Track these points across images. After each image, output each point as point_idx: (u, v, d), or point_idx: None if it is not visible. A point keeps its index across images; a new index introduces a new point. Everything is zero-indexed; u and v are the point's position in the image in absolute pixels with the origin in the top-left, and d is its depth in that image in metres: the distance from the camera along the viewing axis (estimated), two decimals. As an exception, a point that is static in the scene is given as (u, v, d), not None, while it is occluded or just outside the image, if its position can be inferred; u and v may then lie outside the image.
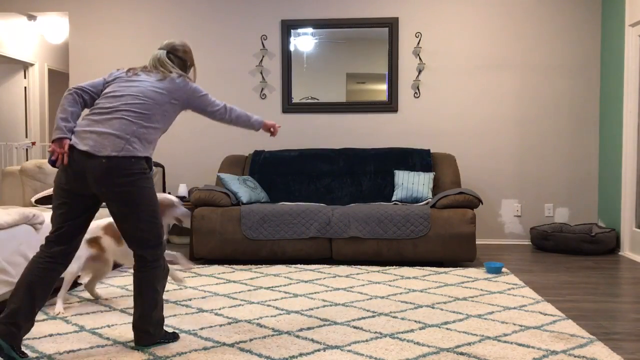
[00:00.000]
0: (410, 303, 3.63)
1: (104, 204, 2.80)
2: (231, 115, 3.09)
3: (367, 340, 2.90)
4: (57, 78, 8.44)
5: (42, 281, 2.67)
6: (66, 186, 2.71)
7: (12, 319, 2.57)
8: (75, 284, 4.16)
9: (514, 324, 3.18)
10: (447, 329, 3.10)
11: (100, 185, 2.66)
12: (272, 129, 3.26)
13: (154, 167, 5.63)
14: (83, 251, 3.44)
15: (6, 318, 2.58)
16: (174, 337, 2.94)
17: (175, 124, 6.29)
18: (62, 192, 2.72)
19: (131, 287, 4.07)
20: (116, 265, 4.32)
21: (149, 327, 2.81)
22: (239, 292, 3.93)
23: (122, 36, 6.32)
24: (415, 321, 3.24)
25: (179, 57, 3.05)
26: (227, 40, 6.25)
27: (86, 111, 2.93)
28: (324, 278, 4.37)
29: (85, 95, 2.86)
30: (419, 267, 4.77)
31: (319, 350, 2.77)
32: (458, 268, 4.75)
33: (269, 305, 3.58)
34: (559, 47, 6.06)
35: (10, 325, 2.57)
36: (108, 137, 2.68)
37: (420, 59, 6.12)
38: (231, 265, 4.88)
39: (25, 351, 2.73)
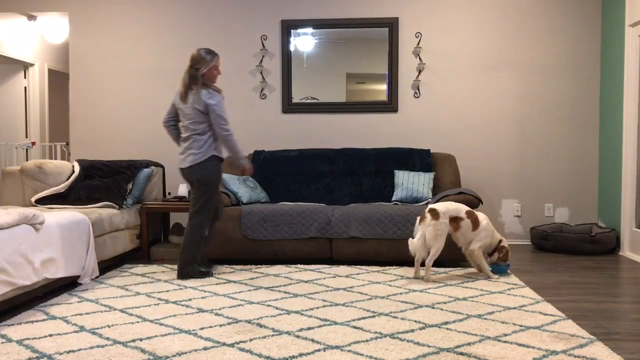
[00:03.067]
0: (410, 303, 3.63)
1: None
2: (228, 139, 4.36)
3: (367, 340, 2.90)
4: (57, 78, 8.44)
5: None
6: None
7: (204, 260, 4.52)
8: (75, 284, 4.16)
9: (514, 324, 3.18)
10: (447, 329, 3.10)
11: None
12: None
13: (154, 167, 5.64)
14: (445, 228, 4.25)
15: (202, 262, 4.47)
16: (204, 273, 4.39)
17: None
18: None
19: (131, 287, 4.09)
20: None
21: (183, 264, 4.29)
22: (239, 292, 3.93)
23: (122, 36, 6.32)
24: (415, 321, 3.24)
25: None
26: (227, 40, 6.25)
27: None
28: (324, 278, 4.37)
29: None
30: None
31: (319, 350, 2.77)
32: (458, 268, 4.75)
33: (269, 305, 3.58)
34: (559, 47, 6.06)
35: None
36: None
37: (420, 59, 6.12)
38: (231, 265, 4.88)
39: (25, 351, 2.75)
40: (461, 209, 4.38)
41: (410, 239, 4.33)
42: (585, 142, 6.09)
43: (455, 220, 4.33)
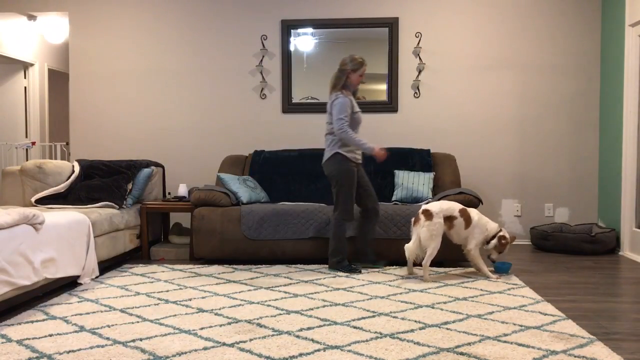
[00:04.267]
0: (410, 303, 3.63)
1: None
2: (340, 135, 4.49)
3: (367, 340, 2.90)
4: (57, 78, 8.44)
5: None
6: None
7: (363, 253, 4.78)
8: (75, 284, 4.16)
9: (514, 324, 3.18)
10: (447, 329, 3.10)
11: None
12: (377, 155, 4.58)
13: (154, 167, 5.64)
14: (439, 228, 4.25)
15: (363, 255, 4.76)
16: (352, 269, 4.53)
17: (175, 124, 6.30)
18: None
19: (131, 287, 4.09)
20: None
21: (330, 256, 4.61)
22: (239, 292, 3.93)
23: (122, 36, 6.32)
24: (415, 321, 3.24)
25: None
26: (227, 40, 6.25)
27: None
28: (324, 278, 4.37)
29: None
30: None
31: (319, 350, 2.77)
32: (458, 268, 4.75)
33: (269, 305, 3.58)
34: (559, 47, 6.06)
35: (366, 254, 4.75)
36: None
37: (420, 59, 6.12)
38: (231, 265, 4.88)
39: (25, 351, 2.75)
40: (454, 207, 4.39)
41: (406, 244, 4.37)
42: (585, 142, 6.09)
43: (449, 220, 4.35)
